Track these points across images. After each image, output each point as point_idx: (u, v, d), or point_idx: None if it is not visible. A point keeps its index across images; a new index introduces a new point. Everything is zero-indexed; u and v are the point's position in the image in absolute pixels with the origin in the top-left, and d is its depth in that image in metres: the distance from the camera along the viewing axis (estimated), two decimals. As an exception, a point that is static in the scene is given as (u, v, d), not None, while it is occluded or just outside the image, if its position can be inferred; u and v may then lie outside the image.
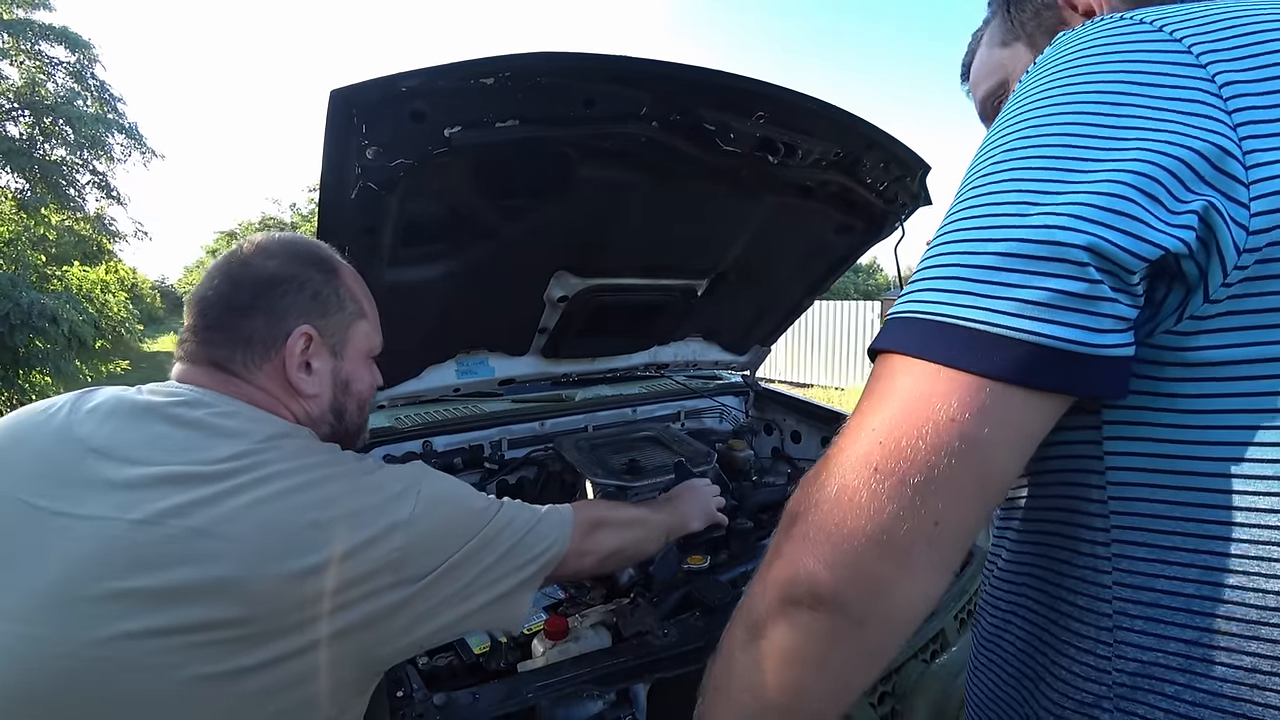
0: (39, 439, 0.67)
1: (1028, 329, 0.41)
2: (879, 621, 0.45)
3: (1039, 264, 0.41)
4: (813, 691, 0.47)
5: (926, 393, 0.43)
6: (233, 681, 0.59)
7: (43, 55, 10.56)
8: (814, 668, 0.47)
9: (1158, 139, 0.40)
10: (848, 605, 0.44)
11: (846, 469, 0.45)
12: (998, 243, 0.43)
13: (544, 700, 0.97)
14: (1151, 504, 0.46)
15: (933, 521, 0.42)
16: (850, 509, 0.43)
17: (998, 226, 0.43)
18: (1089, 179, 0.41)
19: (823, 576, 0.44)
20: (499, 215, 1.34)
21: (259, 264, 0.80)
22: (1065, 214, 0.41)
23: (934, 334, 0.44)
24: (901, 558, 0.43)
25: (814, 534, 0.45)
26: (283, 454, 0.68)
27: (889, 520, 0.42)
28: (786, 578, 0.46)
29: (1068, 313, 0.40)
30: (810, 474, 0.48)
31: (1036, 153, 0.44)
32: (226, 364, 0.77)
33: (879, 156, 1.55)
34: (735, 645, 0.52)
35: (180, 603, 0.58)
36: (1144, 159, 0.40)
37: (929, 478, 0.42)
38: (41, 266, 9.72)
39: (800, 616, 0.46)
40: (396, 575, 0.68)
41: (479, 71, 0.98)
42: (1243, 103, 0.40)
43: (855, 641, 0.45)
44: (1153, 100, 0.41)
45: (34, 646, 0.56)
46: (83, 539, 0.59)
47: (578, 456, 1.66)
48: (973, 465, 0.42)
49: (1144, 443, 0.46)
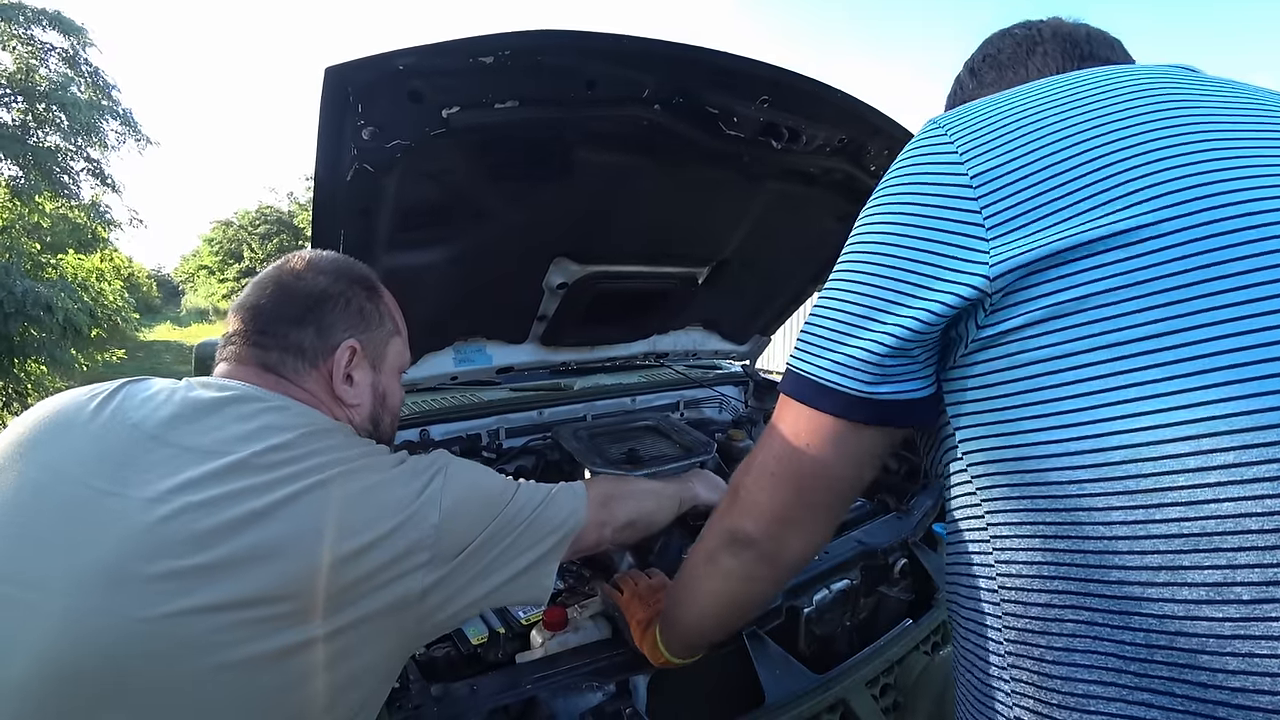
0: (92, 425, 0.69)
1: (842, 383, 0.61)
2: (780, 558, 0.73)
3: (850, 340, 0.61)
4: (738, 595, 0.80)
5: (795, 423, 0.67)
6: (282, 660, 0.62)
7: (35, 40, 10.42)
8: (742, 581, 0.77)
9: (921, 305, 0.57)
10: (762, 546, 0.73)
11: (759, 468, 0.72)
12: (832, 323, 0.63)
13: (543, 692, 0.96)
14: (999, 489, 0.57)
15: (809, 504, 0.70)
16: (763, 494, 0.71)
17: (839, 312, 0.63)
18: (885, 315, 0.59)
19: (749, 528, 0.73)
20: (498, 199, 1.31)
21: (311, 279, 0.86)
22: (870, 339, 0.60)
23: (800, 383, 0.65)
24: (792, 525, 0.71)
25: (744, 504, 0.73)
26: (329, 445, 0.73)
27: (783, 504, 0.70)
28: (730, 527, 0.75)
29: (867, 372, 0.60)
30: (745, 461, 0.75)
31: (852, 284, 0.62)
32: (277, 367, 0.81)
33: (884, 143, 1.52)
34: (698, 565, 0.82)
35: (231, 580, 0.60)
36: (905, 322, 0.58)
37: (800, 480, 0.68)
38: (36, 254, 9.61)
39: (737, 550, 0.75)
40: (432, 553, 0.72)
41: (478, 50, 0.95)
42: (987, 188, 0.55)
43: (766, 567, 0.75)
44: (923, 259, 0.57)
45: (86, 624, 0.57)
46: (139, 520, 0.61)
47: (576, 445, 1.65)
48: (825, 474, 0.67)
49: (981, 440, 0.58)
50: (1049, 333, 0.52)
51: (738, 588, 0.78)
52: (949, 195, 0.57)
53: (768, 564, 0.74)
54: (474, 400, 1.92)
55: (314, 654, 0.64)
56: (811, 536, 0.72)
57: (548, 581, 0.85)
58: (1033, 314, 0.53)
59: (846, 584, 1.32)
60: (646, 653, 0.98)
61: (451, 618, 0.76)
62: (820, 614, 1.26)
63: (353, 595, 0.66)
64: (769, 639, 1.14)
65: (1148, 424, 0.48)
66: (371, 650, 0.69)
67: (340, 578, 0.65)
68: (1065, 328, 0.52)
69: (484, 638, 1.09)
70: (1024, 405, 0.54)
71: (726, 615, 0.85)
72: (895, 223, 0.60)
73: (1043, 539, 0.54)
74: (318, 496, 0.67)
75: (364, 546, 0.67)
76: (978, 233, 0.55)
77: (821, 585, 1.29)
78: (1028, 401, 0.54)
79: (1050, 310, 0.52)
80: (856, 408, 0.61)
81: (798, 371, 0.65)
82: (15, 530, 0.61)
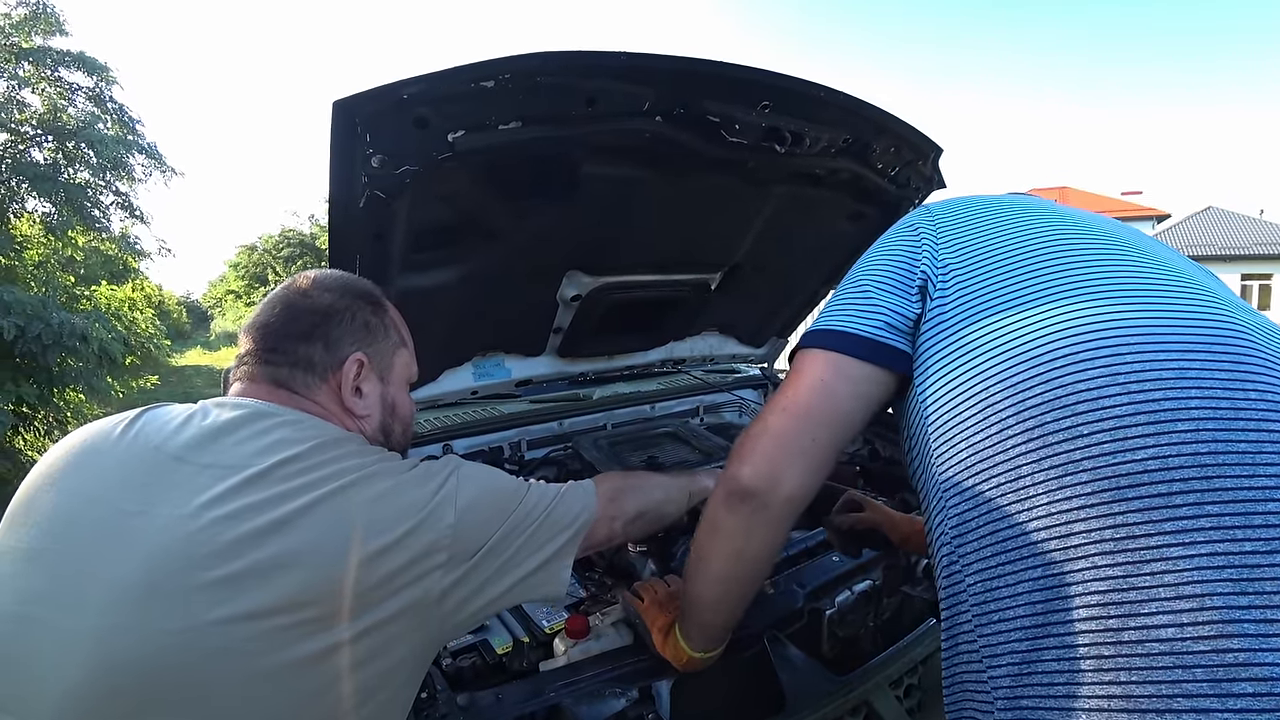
0: (118, 449, 0.72)
1: (852, 328, 0.78)
2: (774, 498, 0.78)
3: (857, 307, 0.80)
4: (743, 551, 0.83)
5: (810, 364, 0.80)
6: (310, 665, 0.64)
7: (62, 81, 10.75)
8: (744, 535, 0.81)
9: (892, 292, 0.79)
10: (758, 494, 0.78)
11: (758, 424, 0.80)
12: (846, 298, 0.83)
13: (566, 699, 0.97)
14: (948, 462, 0.70)
15: (810, 439, 0.77)
16: (760, 439, 0.79)
17: (846, 295, 0.83)
18: (877, 295, 0.80)
19: (745, 475, 0.78)
20: (508, 217, 1.34)
21: (317, 296, 0.88)
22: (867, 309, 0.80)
23: (817, 334, 0.81)
24: (789, 459, 0.77)
25: (743, 452, 0.80)
26: (342, 454, 0.75)
27: (778, 443, 0.78)
28: (726, 481, 0.81)
29: (867, 320, 0.78)
30: (752, 420, 0.82)
31: (860, 277, 0.84)
32: (288, 383, 0.83)
33: (889, 141, 1.53)
34: (702, 534, 0.87)
35: (257, 589, 0.62)
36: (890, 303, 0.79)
37: (808, 413, 0.77)
38: (70, 287, 9.92)
39: (733, 504, 0.80)
40: (449, 553, 0.74)
41: (479, 75, 0.98)
42: (946, 232, 0.81)
43: (762, 514, 0.79)
44: (889, 268, 0.81)
45: (120, 640, 0.59)
46: (166, 537, 0.63)
47: (596, 455, 1.67)
48: (831, 405, 0.77)
49: (935, 401, 0.73)
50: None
51: (741, 543, 0.82)
52: (909, 257, 0.84)
53: (763, 510, 0.79)
54: (495, 414, 1.94)
55: (342, 658, 0.65)
56: (805, 475, 0.77)
57: (564, 575, 0.86)
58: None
59: (869, 585, 1.32)
60: (668, 656, 0.99)
61: (471, 616, 0.78)
62: (842, 615, 1.26)
63: (375, 598, 0.67)
64: (789, 642, 1.14)
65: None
66: (396, 651, 0.71)
67: (362, 581, 0.66)
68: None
69: (509, 647, 1.11)
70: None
71: (736, 576, 0.87)
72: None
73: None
74: (335, 503, 0.69)
75: (383, 549, 0.68)
76: (927, 264, 0.81)
77: (843, 587, 1.29)
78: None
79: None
80: (862, 345, 0.77)
81: (819, 327, 0.82)
82: (50, 555, 0.64)
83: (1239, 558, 0.52)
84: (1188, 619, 0.51)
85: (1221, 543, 0.52)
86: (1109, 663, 0.54)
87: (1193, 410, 0.57)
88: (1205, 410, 0.57)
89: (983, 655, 0.65)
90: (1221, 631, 0.50)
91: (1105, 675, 0.54)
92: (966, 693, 0.68)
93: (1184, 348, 0.61)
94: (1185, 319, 0.63)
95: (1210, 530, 0.53)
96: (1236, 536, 0.52)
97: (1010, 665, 0.61)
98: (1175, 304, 0.65)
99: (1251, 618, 0.50)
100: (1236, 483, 0.54)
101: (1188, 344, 0.61)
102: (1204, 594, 0.51)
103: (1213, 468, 0.54)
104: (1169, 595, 0.52)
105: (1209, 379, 0.59)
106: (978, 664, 0.65)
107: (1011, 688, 0.61)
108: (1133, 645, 0.53)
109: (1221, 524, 0.53)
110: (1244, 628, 0.50)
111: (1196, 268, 0.76)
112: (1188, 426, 0.56)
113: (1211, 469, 0.54)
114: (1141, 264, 0.70)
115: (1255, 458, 0.54)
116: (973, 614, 0.66)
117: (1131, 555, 0.55)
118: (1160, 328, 0.62)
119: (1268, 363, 0.60)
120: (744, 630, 1.09)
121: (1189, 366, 0.59)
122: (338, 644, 0.65)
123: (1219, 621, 0.50)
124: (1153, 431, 0.57)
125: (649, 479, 1.14)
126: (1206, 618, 0.51)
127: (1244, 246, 22.09)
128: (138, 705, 0.59)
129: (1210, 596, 0.51)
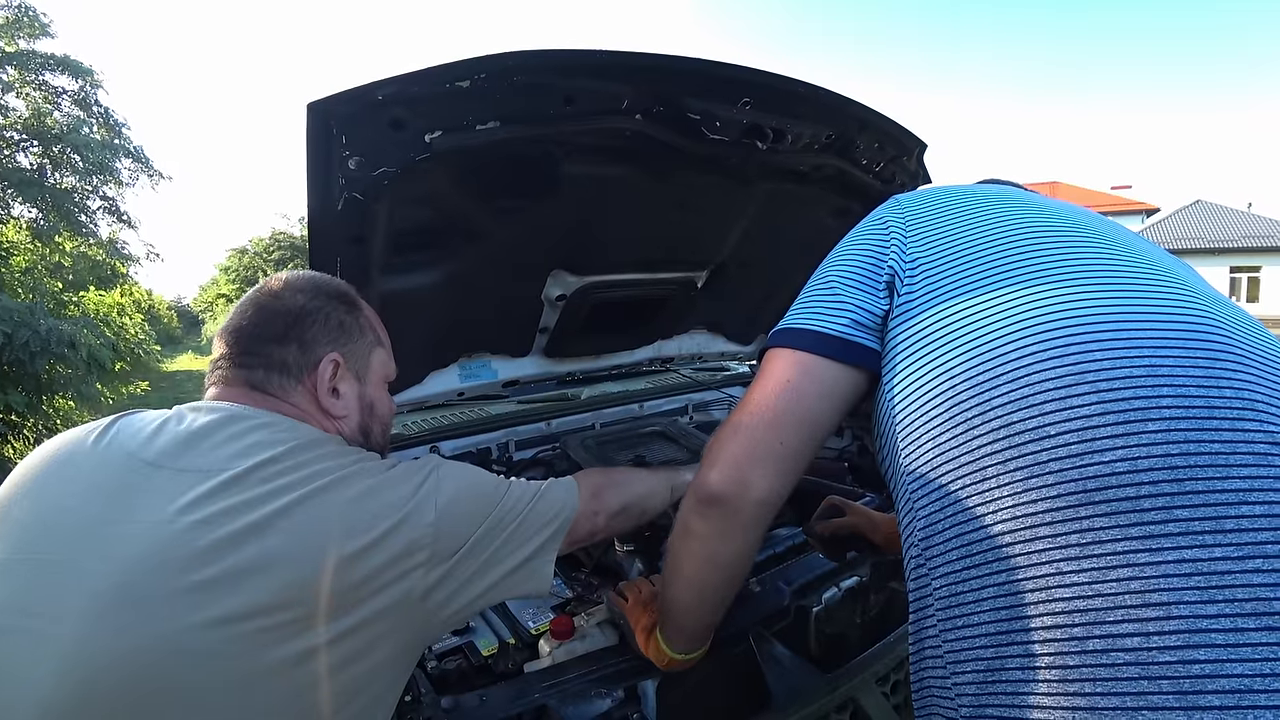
0: (92, 457, 0.71)
1: (819, 326, 0.77)
2: (745, 503, 0.76)
3: (824, 305, 0.79)
4: (716, 555, 0.81)
5: (777, 365, 0.78)
6: (291, 667, 0.63)
7: (47, 85, 10.71)
8: (716, 539, 0.80)
9: (862, 291, 0.78)
10: (727, 499, 0.76)
11: (728, 425, 0.79)
12: (813, 295, 0.81)
13: (552, 700, 0.97)
14: (915, 462, 0.69)
15: (779, 442, 0.75)
16: (729, 443, 0.77)
17: (813, 292, 0.82)
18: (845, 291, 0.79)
19: (713, 480, 0.77)
20: (489, 217, 1.33)
21: (289, 297, 0.88)
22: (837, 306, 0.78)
23: (783, 333, 0.80)
24: (757, 463, 0.75)
25: (711, 456, 0.78)
26: (321, 454, 0.75)
27: (747, 447, 0.76)
28: (696, 488, 0.79)
29: (834, 318, 0.77)
30: (722, 423, 0.82)
31: (827, 273, 0.83)
32: (263, 385, 0.83)
33: (873, 137, 1.52)
34: (675, 541, 0.86)
35: (235, 593, 0.62)
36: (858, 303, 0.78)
37: (775, 415, 0.75)
38: (58, 293, 9.83)
39: (704, 510, 0.79)
40: (430, 552, 0.73)
41: (454, 75, 0.97)
42: (914, 225, 0.79)
43: (733, 519, 0.77)
44: (856, 263, 0.80)
45: (97, 645, 0.59)
46: (142, 543, 0.63)
47: (584, 455, 1.66)
48: (799, 407, 0.75)
49: (902, 399, 0.72)
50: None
51: (714, 547, 0.80)
52: (879, 251, 0.84)
53: (734, 515, 0.77)
54: (482, 415, 1.94)
55: (321, 660, 0.65)
56: (774, 478, 0.75)
57: (547, 571, 0.86)
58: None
59: (856, 581, 1.32)
60: (651, 656, 0.99)
61: (455, 614, 0.78)
62: (830, 613, 1.26)
63: (355, 599, 0.67)
64: (776, 640, 1.14)
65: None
66: (378, 653, 0.70)
67: (341, 582, 0.66)
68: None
69: (494, 649, 1.10)
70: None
71: (710, 582, 0.86)
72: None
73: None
74: (313, 505, 0.68)
75: (362, 549, 0.68)
76: (895, 258, 0.81)
77: (831, 584, 1.29)
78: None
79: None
80: (828, 343, 0.76)
81: (786, 325, 0.81)
82: (26, 566, 0.64)
83: (1208, 564, 0.50)
84: (1154, 628, 0.50)
85: (1190, 549, 0.51)
86: (1073, 673, 0.52)
87: (1164, 409, 0.55)
88: (1177, 410, 0.55)
89: (947, 662, 0.63)
90: (1188, 641, 0.49)
91: (1070, 685, 0.52)
92: (933, 698, 0.67)
93: (1156, 343, 0.59)
94: (1158, 313, 0.61)
95: (1179, 536, 0.51)
96: (1206, 542, 0.51)
97: (975, 673, 0.60)
98: (1148, 297, 0.63)
99: (1220, 627, 0.48)
100: (1208, 485, 0.52)
101: (1160, 339, 0.59)
102: (1170, 602, 0.50)
103: (1184, 469, 0.53)
104: (1135, 603, 0.51)
105: (1182, 376, 0.57)
106: (942, 670, 0.64)
107: (976, 695, 0.60)
108: (1097, 655, 0.51)
109: (1190, 529, 0.51)
110: (1211, 638, 0.48)
111: (1174, 260, 0.75)
112: (1158, 427, 0.55)
113: (1182, 471, 0.53)
114: (1115, 257, 0.68)
115: (1228, 459, 0.53)
116: (938, 619, 0.65)
117: (1097, 561, 0.53)
118: (1132, 322, 0.61)
119: (1243, 359, 0.58)
120: (730, 628, 1.09)
121: (1161, 363, 0.57)
122: (319, 646, 0.65)
123: (1185, 631, 0.49)
124: (1122, 432, 0.55)
125: (631, 474, 1.14)
126: (1173, 627, 0.49)
127: (1233, 240, 22.27)
128: (116, 711, 0.58)
129: (1177, 605, 0.50)
